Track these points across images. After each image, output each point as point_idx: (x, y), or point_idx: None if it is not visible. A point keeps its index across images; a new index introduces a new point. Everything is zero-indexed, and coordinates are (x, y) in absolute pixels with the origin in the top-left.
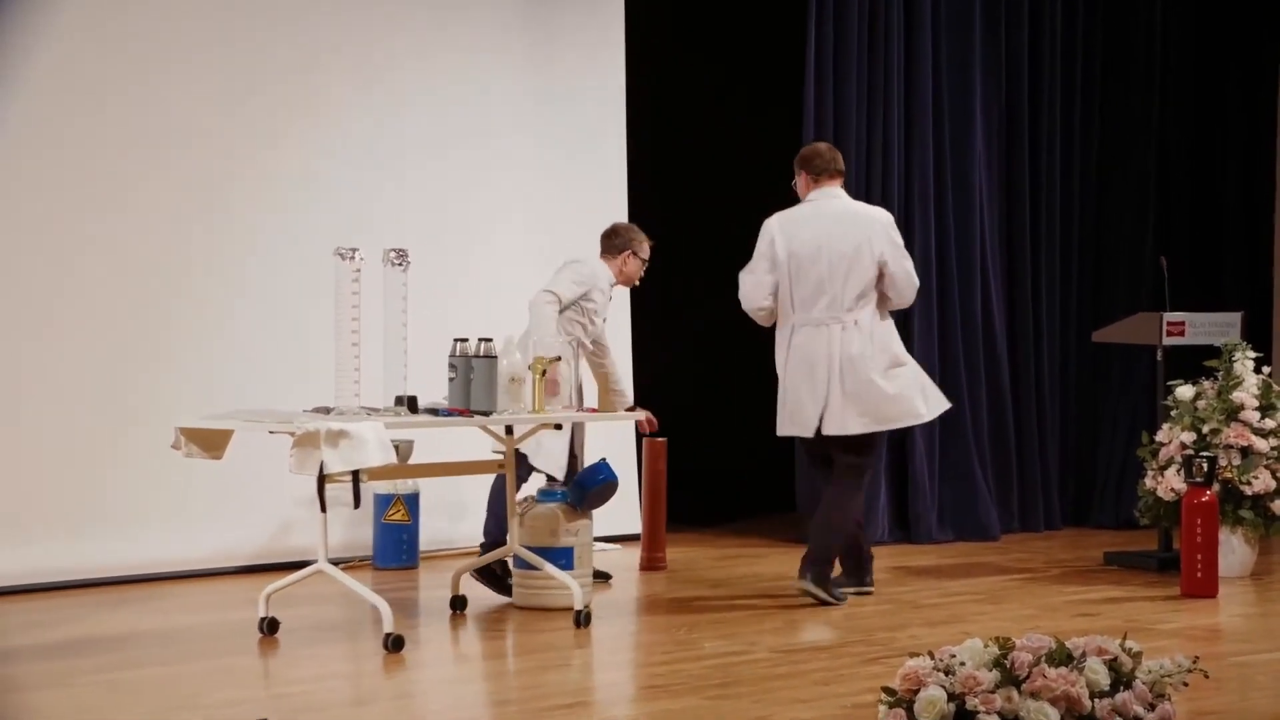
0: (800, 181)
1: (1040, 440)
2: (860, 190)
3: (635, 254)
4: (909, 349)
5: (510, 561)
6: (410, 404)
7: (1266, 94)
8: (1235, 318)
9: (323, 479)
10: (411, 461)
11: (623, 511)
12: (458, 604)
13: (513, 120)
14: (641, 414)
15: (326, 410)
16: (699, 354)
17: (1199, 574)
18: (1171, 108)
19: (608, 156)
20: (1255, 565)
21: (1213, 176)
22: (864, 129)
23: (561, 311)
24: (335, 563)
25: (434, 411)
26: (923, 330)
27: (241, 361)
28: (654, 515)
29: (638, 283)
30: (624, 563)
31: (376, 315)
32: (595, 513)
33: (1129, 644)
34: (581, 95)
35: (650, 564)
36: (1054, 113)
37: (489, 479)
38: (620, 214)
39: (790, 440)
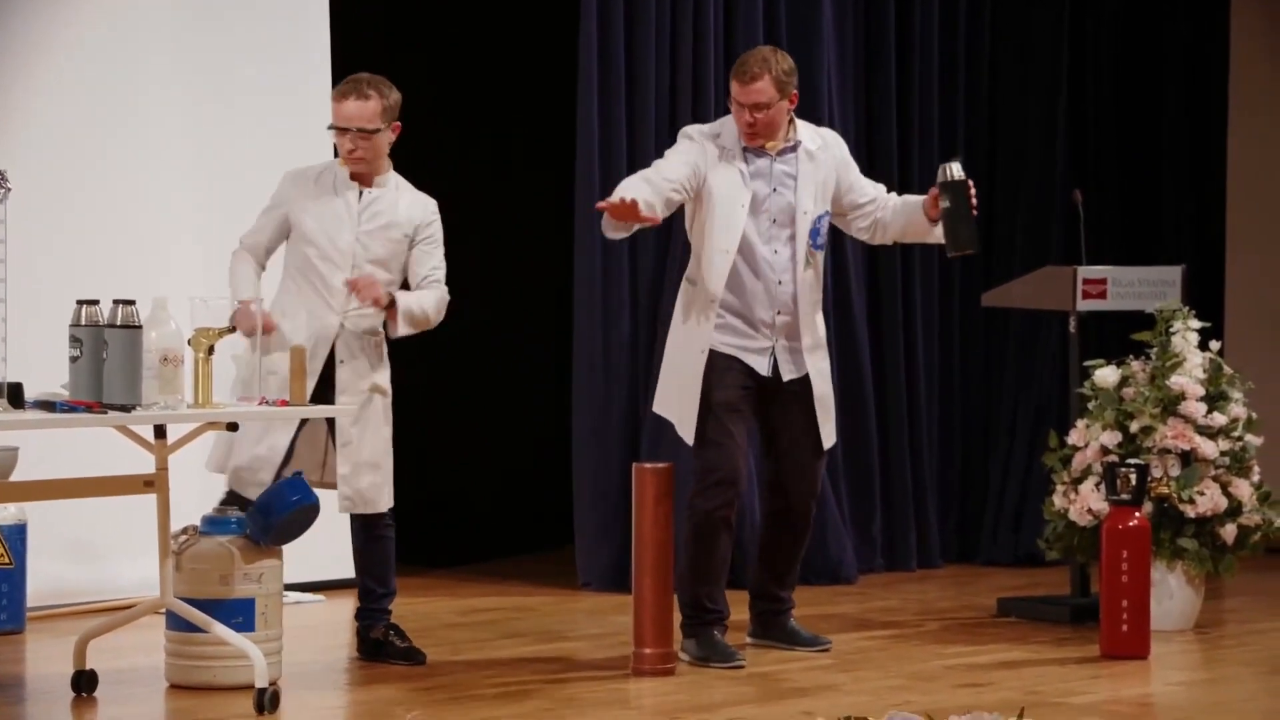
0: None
1: (912, 446)
2: (664, 114)
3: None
4: None
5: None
6: (12, 395)
7: None
8: (1174, 274)
9: None
10: (14, 479)
11: (329, 547)
12: (83, 683)
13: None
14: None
15: None
16: (442, 358)
17: (1125, 627)
18: None
19: (309, 66)
20: (1200, 614)
21: (1144, 85)
22: (666, 34)
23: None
24: None
25: (48, 406)
26: None
27: None
28: (659, 587)
29: (344, 164)
30: (331, 621)
31: None
32: (287, 550)
33: None
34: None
35: (655, 666)
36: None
37: (145, 503)
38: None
39: (567, 459)
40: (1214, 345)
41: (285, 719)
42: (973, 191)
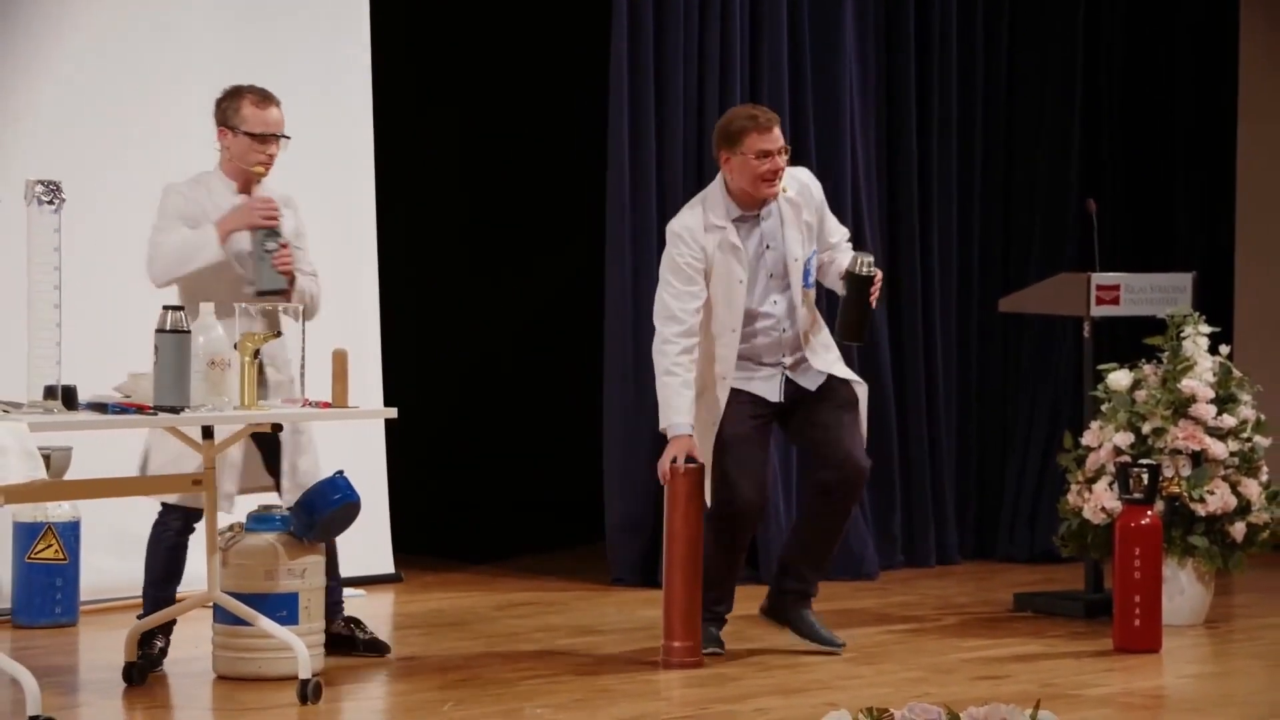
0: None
1: (931, 446)
2: (691, 126)
3: (234, 129)
4: None
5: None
6: (66, 397)
7: None
8: (1185, 280)
9: None
10: (68, 478)
11: (369, 543)
12: (133, 674)
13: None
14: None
15: None
16: (478, 362)
17: (1137, 622)
18: (1105, 2)
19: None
20: (1210, 610)
21: (1157, 94)
22: (694, 37)
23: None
24: None
25: (100, 407)
26: None
27: None
28: (688, 582)
29: (263, 171)
30: (371, 614)
31: (17, 272)
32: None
33: (1044, 715)
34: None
35: (684, 659)
36: (948, 11)
37: None
38: (362, 157)
39: (598, 457)
40: (1224, 349)
41: (327, 709)
42: (876, 288)
